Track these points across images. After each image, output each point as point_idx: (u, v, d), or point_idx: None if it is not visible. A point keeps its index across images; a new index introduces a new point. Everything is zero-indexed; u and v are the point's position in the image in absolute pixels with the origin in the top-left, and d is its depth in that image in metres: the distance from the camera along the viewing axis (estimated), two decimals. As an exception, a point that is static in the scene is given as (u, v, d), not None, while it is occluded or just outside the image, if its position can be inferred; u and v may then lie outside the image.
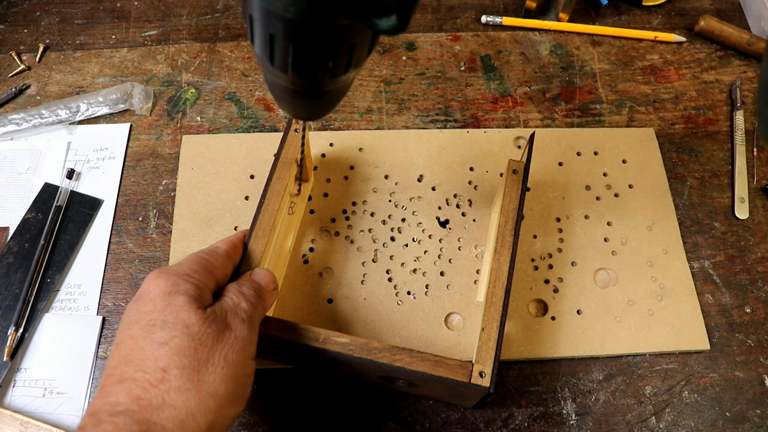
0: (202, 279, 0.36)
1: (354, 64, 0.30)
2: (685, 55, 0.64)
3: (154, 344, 0.32)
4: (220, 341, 0.33)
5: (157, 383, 0.31)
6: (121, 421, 0.29)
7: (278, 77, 0.31)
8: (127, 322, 0.34)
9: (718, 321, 0.50)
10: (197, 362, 0.32)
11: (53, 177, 0.55)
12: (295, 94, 0.32)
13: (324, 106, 0.34)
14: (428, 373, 0.38)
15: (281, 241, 0.49)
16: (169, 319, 0.33)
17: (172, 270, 0.35)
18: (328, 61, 0.29)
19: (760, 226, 0.55)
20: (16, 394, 0.46)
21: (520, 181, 0.46)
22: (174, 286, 0.34)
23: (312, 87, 0.31)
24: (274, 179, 0.44)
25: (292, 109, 0.35)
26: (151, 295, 0.34)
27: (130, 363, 0.31)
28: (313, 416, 0.46)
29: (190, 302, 0.33)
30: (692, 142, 0.59)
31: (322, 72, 0.29)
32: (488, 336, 0.39)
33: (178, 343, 0.32)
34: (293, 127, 0.46)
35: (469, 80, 0.62)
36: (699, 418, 0.46)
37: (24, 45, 0.63)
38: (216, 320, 0.34)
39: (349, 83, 0.34)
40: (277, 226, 0.44)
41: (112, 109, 0.58)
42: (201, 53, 0.63)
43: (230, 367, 0.33)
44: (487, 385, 0.37)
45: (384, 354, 0.38)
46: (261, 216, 0.43)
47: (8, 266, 0.50)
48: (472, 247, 0.52)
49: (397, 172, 0.55)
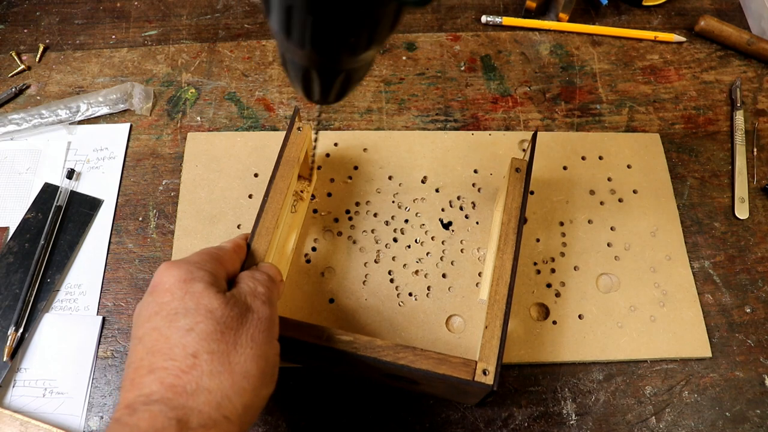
0: (214, 267, 0.36)
1: (376, 40, 0.28)
2: (685, 55, 0.65)
3: (179, 332, 0.31)
4: (245, 323, 0.33)
5: (189, 369, 0.30)
6: (157, 408, 0.29)
7: (294, 53, 0.29)
8: (146, 315, 0.33)
9: (718, 321, 0.50)
10: (226, 345, 0.32)
11: (53, 177, 0.55)
12: (310, 73, 0.31)
13: (340, 87, 0.33)
14: (432, 371, 0.38)
15: (284, 239, 0.49)
16: (191, 306, 0.32)
17: (183, 260, 0.35)
18: (349, 36, 0.27)
19: (760, 226, 0.55)
20: (16, 394, 0.46)
21: (523, 179, 0.46)
22: (189, 274, 0.34)
23: (330, 65, 0.30)
24: (277, 178, 0.44)
25: (305, 90, 0.33)
26: (167, 285, 0.33)
27: (158, 353, 0.31)
28: (313, 416, 0.46)
29: (208, 288, 0.33)
30: (692, 142, 0.59)
31: (341, 48, 0.28)
32: (491, 334, 0.39)
33: (204, 328, 0.32)
34: (296, 125, 0.46)
35: (469, 80, 0.62)
36: (699, 418, 0.47)
37: (24, 45, 0.63)
38: (237, 303, 0.34)
39: (369, 64, 0.32)
40: (280, 225, 0.44)
41: (112, 109, 0.58)
42: (201, 53, 0.63)
43: (258, 347, 0.33)
44: (491, 383, 0.37)
45: (388, 352, 0.38)
46: (264, 214, 0.43)
47: (8, 266, 0.50)
48: (475, 250, 0.52)
49: (401, 173, 0.55)
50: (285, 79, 0.61)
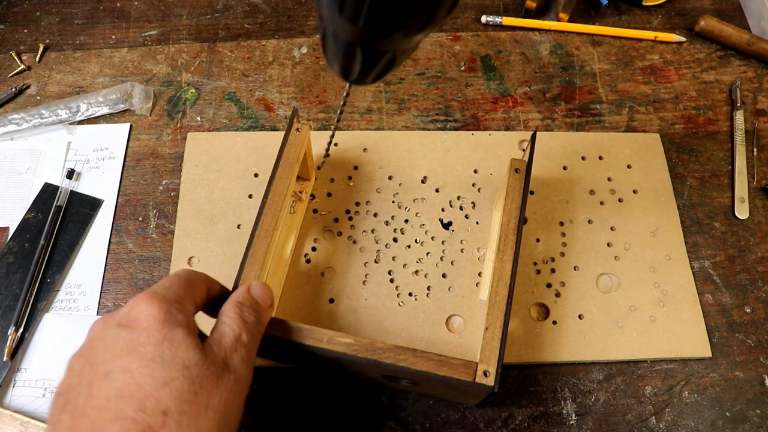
0: (189, 305, 0.34)
1: (433, 22, 0.27)
2: (685, 55, 0.65)
3: (154, 383, 0.30)
4: (219, 384, 0.31)
5: (158, 427, 0.29)
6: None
7: (342, 28, 0.28)
8: (117, 350, 0.31)
9: (718, 321, 0.50)
10: (197, 407, 0.30)
11: (53, 177, 0.55)
12: (355, 50, 0.29)
13: (382, 68, 0.31)
14: (433, 373, 0.38)
15: (282, 241, 0.49)
16: (168, 357, 0.30)
17: (160, 295, 0.33)
18: (407, 16, 0.26)
19: (760, 226, 0.55)
20: (16, 394, 0.46)
21: (523, 179, 0.46)
22: (168, 316, 0.32)
23: (379, 44, 0.28)
24: (276, 179, 0.44)
25: (343, 68, 0.32)
26: (144, 324, 0.31)
27: (127, 399, 0.29)
28: (313, 416, 0.46)
29: (187, 337, 0.31)
30: (692, 142, 0.59)
31: (397, 28, 0.27)
32: (492, 335, 0.39)
33: (179, 386, 0.30)
34: (295, 126, 0.46)
35: (469, 80, 0.62)
36: (699, 418, 0.47)
37: (24, 45, 0.63)
38: (215, 361, 0.32)
39: (415, 47, 0.31)
40: (279, 227, 0.44)
41: (112, 109, 0.58)
42: (201, 53, 0.63)
43: (227, 413, 0.32)
44: (492, 384, 0.37)
45: (388, 354, 0.38)
46: (263, 216, 0.43)
47: (8, 266, 0.50)
48: (475, 250, 0.52)
49: (401, 173, 0.55)
50: (285, 79, 0.61)
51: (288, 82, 0.61)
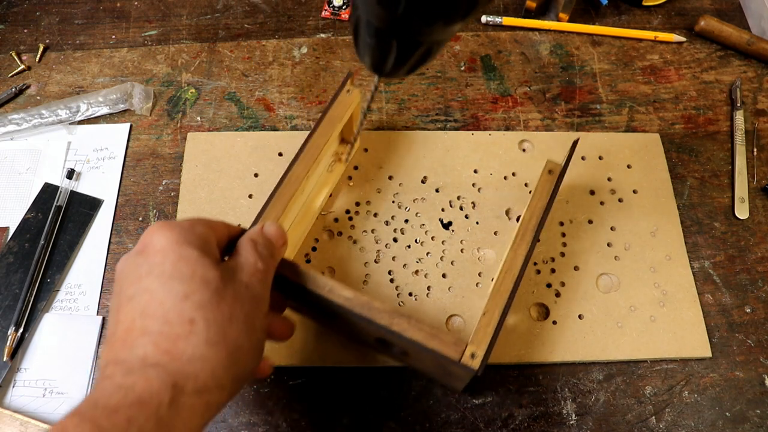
0: (205, 232, 0.35)
1: (476, 8, 0.26)
2: (685, 55, 0.65)
3: (175, 297, 0.31)
4: (240, 298, 0.33)
5: (186, 335, 0.30)
6: (153, 373, 0.29)
7: (379, 18, 0.27)
8: (136, 275, 0.32)
9: (718, 321, 0.50)
10: (222, 316, 0.31)
11: (53, 177, 0.55)
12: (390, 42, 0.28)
13: (417, 60, 0.31)
14: (421, 343, 0.38)
15: (314, 195, 0.50)
16: (186, 273, 0.31)
17: (174, 222, 0.34)
18: (450, 2, 0.25)
19: (760, 226, 0.55)
20: (16, 394, 0.46)
21: (554, 182, 0.46)
22: (181, 237, 0.33)
23: (417, 35, 0.28)
24: (317, 133, 0.45)
25: (376, 60, 0.31)
26: (158, 247, 0.32)
27: (151, 317, 0.30)
28: (313, 416, 0.46)
29: (202, 256, 0.32)
30: (692, 142, 0.59)
31: (438, 16, 0.26)
32: (488, 321, 0.39)
33: (200, 298, 0.31)
34: (346, 87, 0.47)
35: (469, 80, 0.62)
36: (699, 418, 0.47)
37: (24, 45, 0.63)
38: (233, 279, 0.33)
39: (449, 38, 0.30)
40: (311, 178, 0.44)
41: (112, 109, 0.58)
42: (201, 53, 0.63)
43: (251, 323, 0.33)
44: (476, 368, 0.37)
45: (383, 315, 0.38)
46: (296, 165, 0.44)
47: (8, 266, 0.50)
48: (475, 250, 0.52)
49: (401, 173, 0.55)
50: (285, 79, 0.61)
51: (288, 82, 0.61)
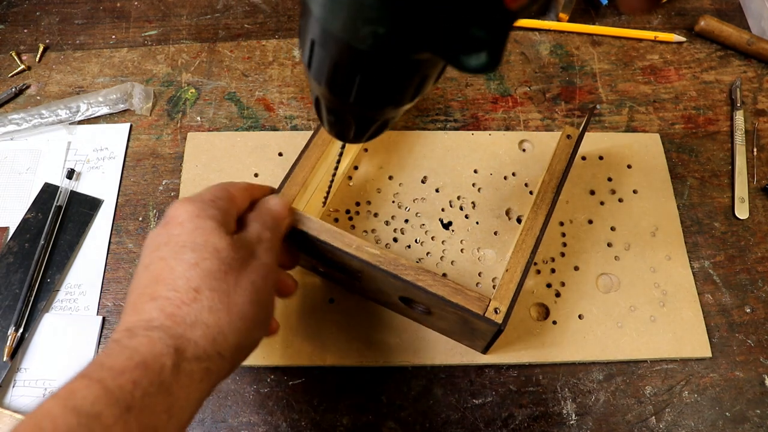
0: (226, 205, 0.36)
1: (421, 93, 0.28)
2: (685, 55, 0.65)
3: (185, 265, 0.32)
4: (247, 267, 0.34)
5: (190, 302, 0.31)
6: (156, 335, 0.30)
7: (334, 103, 0.30)
8: (156, 244, 0.34)
9: (718, 321, 0.50)
10: (227, 285, 0.33)
11: (53, 177, 0.55)
12: (348, 120, 0.31)
13: (375, 131, 0.33)
14: (446, 299, 0.39)
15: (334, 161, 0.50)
16: (199, 242, 0.33)
17: (197, 197, 0.36)
18: (395, 93, 0.27)
19: (760, 226, 0.55)
20: (16, 394, 0.46)
21: (572, 146, 0.47)
22: (201, 211, 0.35)
23: (372, 115, 0.30)
24: None
25: (338, 133, 0.34)
26: (180, 219, 0.34)
27: (162, 282, 0.32)
28: (313, 416, 0.46)
29: (218, 227, 0.34)
30: (692, 142, 0.59)
31: (387, 103, 0.28)
32: (510, 278, 0.41)
33: (209, 266, 0.32)
34: None
35: (469, 80, 0.62)
36: (699, 418, 0.47)
37: (24, 45, 0.63)
38: (242, 247, 0.35)
39: (402, 113, 0.33)
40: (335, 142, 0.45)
41: (112, 109, 0.58)
42: (201, 53, 0.63)
43: (257, 293, 0.34)
44: (500, 322, 0.38)
45: (409, 272, 0.40)
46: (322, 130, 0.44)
47: (8, 266, 0.50)
48: (475, 250, 0.52)
49: (401, 173, 0.55)
50: (285, 79, 0.61)
51: (288, 82, 0.61)
